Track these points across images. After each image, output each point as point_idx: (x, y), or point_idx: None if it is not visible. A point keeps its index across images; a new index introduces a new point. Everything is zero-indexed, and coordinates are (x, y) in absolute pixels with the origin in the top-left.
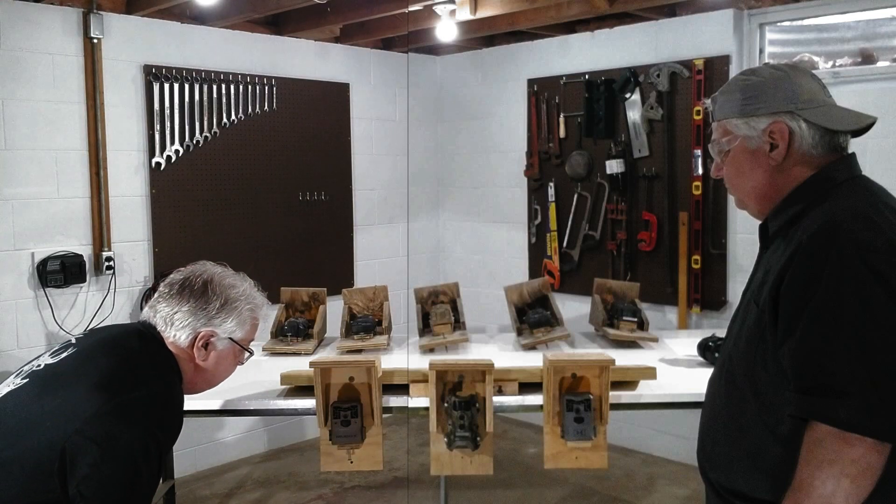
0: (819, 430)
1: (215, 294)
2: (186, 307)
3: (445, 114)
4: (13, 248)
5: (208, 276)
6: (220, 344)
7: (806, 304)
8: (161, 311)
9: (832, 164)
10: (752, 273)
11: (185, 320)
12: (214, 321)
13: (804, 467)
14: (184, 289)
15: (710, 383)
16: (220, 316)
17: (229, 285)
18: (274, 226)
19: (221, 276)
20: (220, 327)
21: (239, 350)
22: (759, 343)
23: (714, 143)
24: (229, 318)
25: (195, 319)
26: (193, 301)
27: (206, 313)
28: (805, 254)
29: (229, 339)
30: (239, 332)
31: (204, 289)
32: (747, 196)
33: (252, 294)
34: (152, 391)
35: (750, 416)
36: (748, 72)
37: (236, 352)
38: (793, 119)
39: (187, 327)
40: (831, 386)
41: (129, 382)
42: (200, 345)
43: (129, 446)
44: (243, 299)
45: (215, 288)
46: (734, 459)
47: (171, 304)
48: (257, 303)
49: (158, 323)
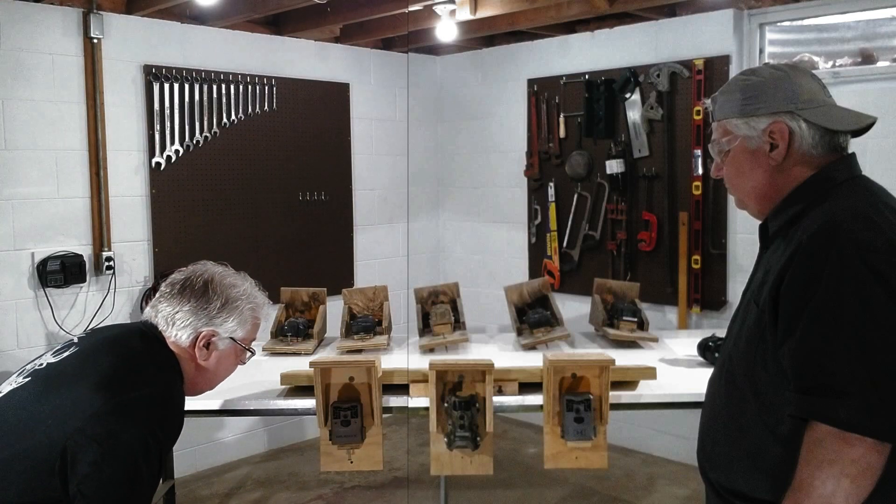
0: (819, 430)
1: (216, 294)
2: (188, 307)
3: (445, 114)
4: (13, 248)
5: (209, 276)
6: (222, 344)
7: (806, 304)
8: (162, 310)
9: (832, 164)
10: (752, 273)
11: (186, 320)
12: (215, 321)
13: (804, 467)
14: (185, 289)
15: (710, 383)
16: (221, 315)
17: (230, 285)
18: (274, 226)
19: (222, 275)
20: (221, 327)
21: (240, 349)
22: (759, 343)
23: (714, 143)
24: (230, 317)
25: (196, 319)
26: (195, 301)
27: (207, 313)
28: (805, 254)
29: (230, 338)
30: (240, 332)
31: (205, 288)
32: (747, 196)
33: (253, 293)
34: (154, 391)
35: (750, 416)
36: (748, 72)
37: (238, 351)
38: (793, 119)
39: (188, 327)
40: (831, 386)
41: (130, 382)
42: (202, 344)
43: (129, 445)
44: (244, 299)
45: (216, 287)
46: (734, 459)
47: (173, 304)
48: (258, 302)
49: (160, 323)
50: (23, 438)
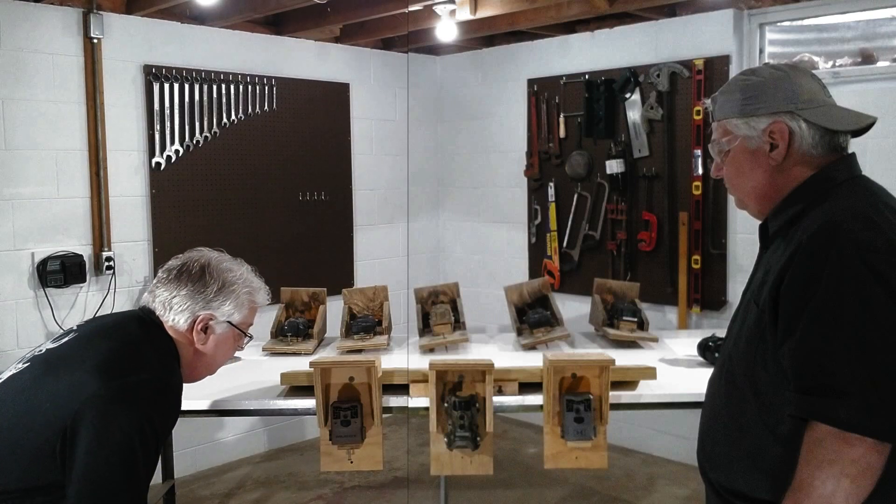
0: (819, 430)
1: (213, 278)
2: (185, 291)
3: (445, 114)
4: (13, 248)
5: (206, 261)
6: (219, 328)
7: (806, 303)
8: (160, 295)
9: (832, 165)
10: (752, 273)
11: (183, 304)
12: (212, 304)
13: (804, 467)
14: (182, 273)
15: (710, 383)
16: (217, 299)
17: (227, 269)
18: (274, 226)
19: (219, 260)
20: (218, 310)
21: (238, 334)
22: (759, 343)
23: (714, 143)
24: (227, 301)
25: (193, 303)
26: (191, 285)
27: (203, 297)
28: (805, 254)
29: (228, 322)
30: (237, 316)
31: (201, 273)
32: (747, 196)
33: (249, 278)
34: (152, 375)
35: (750, 416)
36: (748, 72)
37: (235, 336)
38: (793, 119)
39: (186, 311)
40: (831, 386)
41: (129, 366)
42: (199, 328)
43: (126, 428)
44: (241, 283)
45: (213, 272)
46: (734, 459)
47: (170, 289)
48: (255, 286)
49: (157, 308)
50: (22, 422)
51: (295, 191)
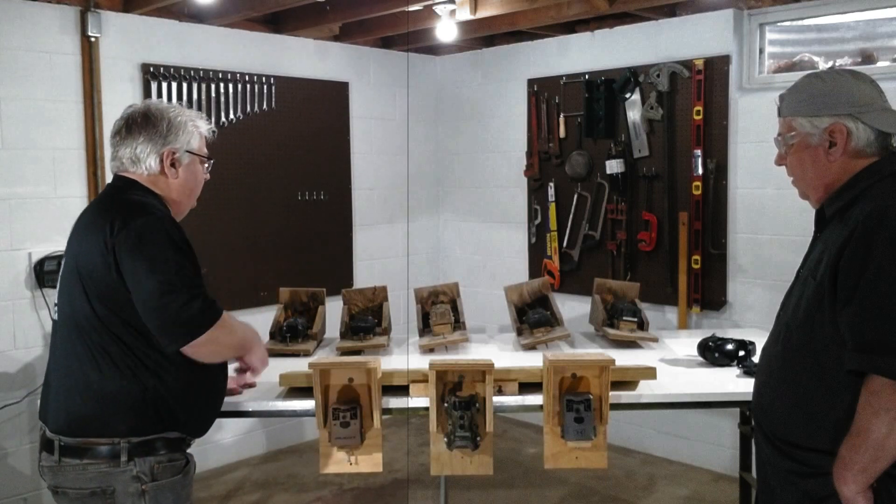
0: (876, 383)
1: (158, 119)
2: (141, 139)
3: (445, 114)
4: (10, 248)
5: (143, 108)
6: (184, 158)
7: (862, 275)
8: (124, 155)
9: (881, 161)
10: (807, 253)
11: (146, 149)
12: (169, 139)
13: (861, 414)
14: (130, 127)
15: (764, 349)
16: (171, 134)
17: (165, 108)
18: (273, 226)
19: (154, 104)
20: (175, 143)
21: (200, 159)
22: (817, 312)
23: (779, 136)
24: (179, 132)
25: (154, 145)
26: (144, 132)
27: (159, 135)
28: (859, 234)
29: (188, 151)
30: (194, 143)
31: (146, 118)
32: (808, 186)
33: (186, 110)
34: (156, 214)
35: (807, 375)
36: (813, 75)
37: (199, 161)
38: (852, 121)
39: (152, 153)
40: (886, 343)
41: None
42: (168, 163)
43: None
44: (183, 115)
45: (155, 114)
46: (792, 413)
47: (128, 144)
48: (194, 115)
49: (127, 166)
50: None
51: (294, 190)
